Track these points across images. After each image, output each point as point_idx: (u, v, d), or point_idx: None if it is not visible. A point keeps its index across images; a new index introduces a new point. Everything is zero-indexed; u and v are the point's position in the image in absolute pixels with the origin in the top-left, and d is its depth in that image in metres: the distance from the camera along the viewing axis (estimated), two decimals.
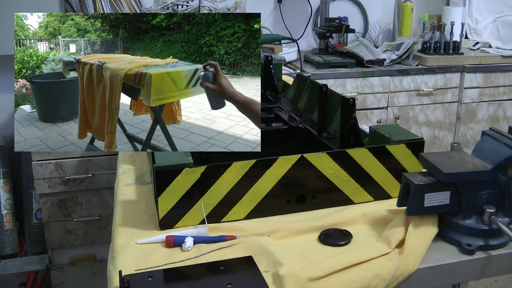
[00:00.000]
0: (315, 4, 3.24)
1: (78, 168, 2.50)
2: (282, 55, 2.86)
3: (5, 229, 2.64)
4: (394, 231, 0.91)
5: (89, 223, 2.63)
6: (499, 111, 3.12)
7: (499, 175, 0.89)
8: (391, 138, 1.08)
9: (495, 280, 2.48)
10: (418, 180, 0.90)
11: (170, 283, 0.81)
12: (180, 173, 0.94)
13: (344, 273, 0.83)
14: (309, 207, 1.05)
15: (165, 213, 0.96)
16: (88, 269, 2.70)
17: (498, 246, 0.90)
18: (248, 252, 0.89)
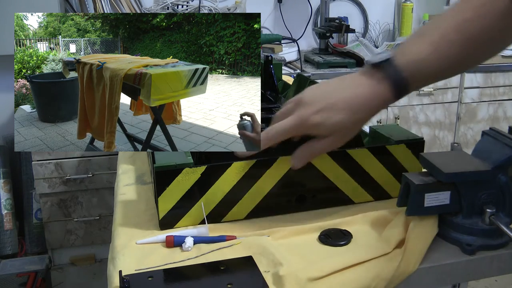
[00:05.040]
0: (315, 4, 3.24)
1: (78, 168, 2.50)
2: (282, 55, 2.86)
3: (5, 229, 2.64)
4: (394, 231, 0.91)
5: (89, 223, 2.63)
6: (499, 111, 3.12)
7: (499, 175, 0.89)
8: (391, 138, 1.08)
9: (495, 280, 2.48)
10: (418, 180, 0.90)
11: (170, 283, 0.81)
12: (180, 173, 0.94)
13: (344, 273, 0.83)
14: (309, 207, 1.05)
15: (165, 213, 0.96)
16: (88, 269, 2.70)
17: (498, 246, 0.90)
18: (248, 252, 0.89)
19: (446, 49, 0.84)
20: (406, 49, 0.87)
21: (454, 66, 0.87)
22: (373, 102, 0.88)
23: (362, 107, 0.88)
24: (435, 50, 0.85)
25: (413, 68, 0.86)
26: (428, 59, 0.85)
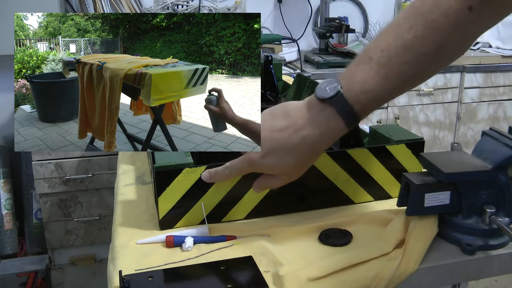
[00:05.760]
0: (315, 4, 3.24)
1: (78, 168, 2.50)
2: (282, 55, 2.86)
3: (5, 229, 2.64)
4: (394, 231, 0.91)
5: (89, 223, 2.63)
6: (499, 111, 3.12)
7: (499, 175, 0.89)
8: (391, 138, 1.08)
9: (495, 280, 2.48)
10: (418, 180, 0.90)
11: (170, 283, 0.81)
12: (180, 173, 0.94)
13: (344, 273, 0.83)
14: (309, 207, 1.05)
15: (165, 213, 0.96)
16: (88, 269, 2.70)
17: (498, 246, 0.90)
18: (248, 252, 0.89)
19: (397, 71, 0.78)
20: (354, 77, 0.80)
21: (408, 84, 0.82)
22: (324, 141, 0.84)
23: (311, 149, 0.84)
24: (385, 76, 0.79)
25: (364, 99, 0.80)
26: (379, 87, 0.79)
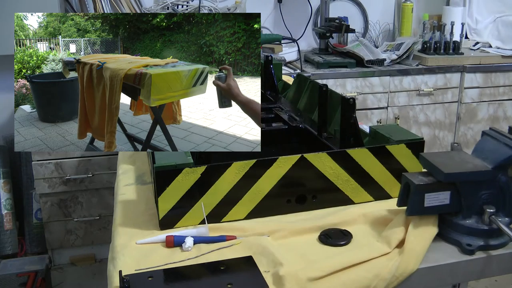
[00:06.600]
0: (315, 4, 3.24)
1: (78, 168, 2.50)
2: (282, 55, 2.86)
3: (5, 229, 2.64)
4: (394, 231, 0.91)
5: (89, 223, 2.63)
6: (499, 111, 3.12)
7: (499, 175, 0.89)
8: (391, 138, 1.08)
9: (495, 280, 2.48)
10: (418, 180, 0.90)
11: (170, 283, 0.81)
12: (180, 173, 0.94)
13: (344, 273, 0.83)
14: (309, 207, 1.05)
15: (165, 213, 0.96)
16: (88, 269, 2.70)
17: (498, 246, 0.90)
18: (248, 252, 0.89)
19: None
20: None
21: None
22: None
23: None
24: None
25: None
26: None
